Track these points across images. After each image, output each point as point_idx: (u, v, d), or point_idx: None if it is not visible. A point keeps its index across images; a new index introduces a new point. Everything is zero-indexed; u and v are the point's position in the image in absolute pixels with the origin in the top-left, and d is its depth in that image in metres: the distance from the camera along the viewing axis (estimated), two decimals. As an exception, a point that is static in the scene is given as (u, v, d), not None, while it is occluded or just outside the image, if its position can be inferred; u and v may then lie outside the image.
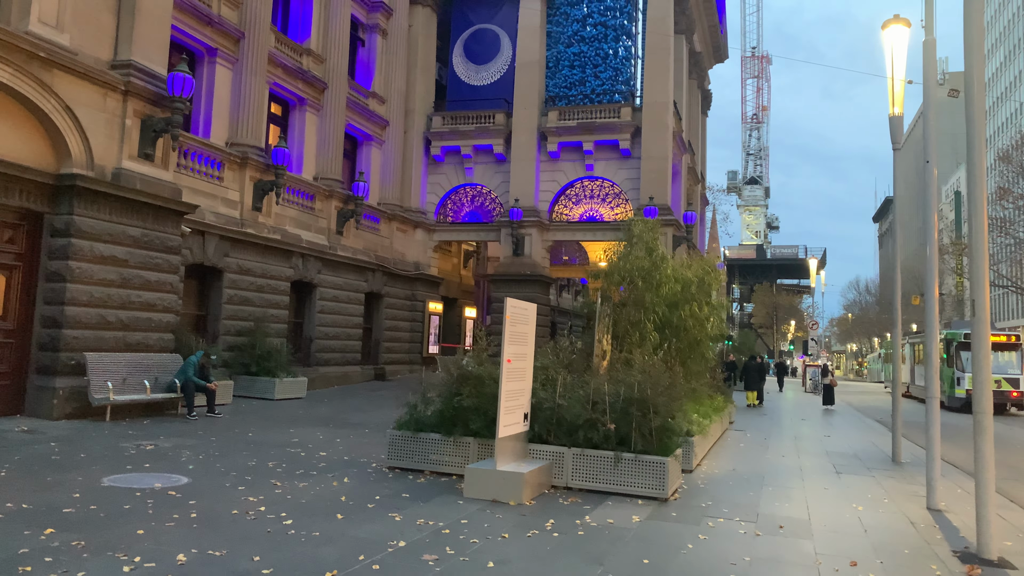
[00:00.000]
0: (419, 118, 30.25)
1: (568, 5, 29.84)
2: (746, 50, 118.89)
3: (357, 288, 25.55)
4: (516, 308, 9.75)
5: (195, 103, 20.62)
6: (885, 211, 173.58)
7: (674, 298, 16.80)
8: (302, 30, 24.90)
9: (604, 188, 29.21)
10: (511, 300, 9.53)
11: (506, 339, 9.33)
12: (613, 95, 28.93)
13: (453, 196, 31.15)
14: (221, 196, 19.95)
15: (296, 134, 24.52)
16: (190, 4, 19.32)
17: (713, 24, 39.91)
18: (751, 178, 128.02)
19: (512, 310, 9.56)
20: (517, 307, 9.77)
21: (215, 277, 19.61)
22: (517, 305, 9.77)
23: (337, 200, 24.74)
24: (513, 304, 9.57)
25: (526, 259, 28.76)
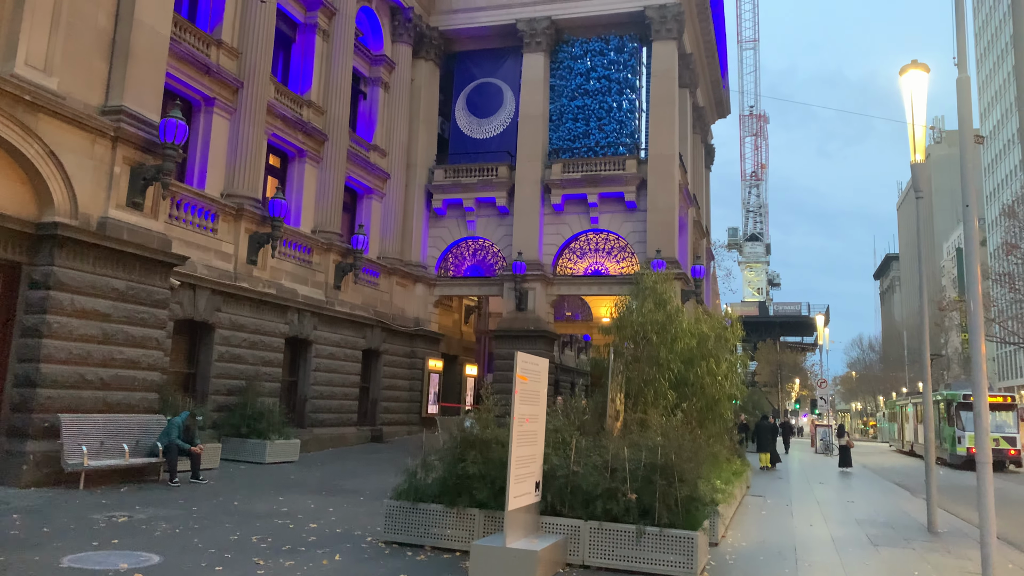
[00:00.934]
0: (421, 171, 29.79)
1: (571, 59, 29.67)
2: (744, 109, 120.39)
3: (354, 345, 24.63)
4: (528, 364, 8.87)
5: (190, 153, 20.07)
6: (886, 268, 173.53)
7: (690, 354, 15.90)
8: (303, 81, 24.56)
9: (609, 241, 28.55)
10: (522, 355, 8.66)
11: (517, 398, 8.42)
12: (618, 147, 28.52)
13: (455, 250, 30.48)
14: (214, 249, 19.22)
15: (295, 186, 23.95)
16: (187, 53, 18.91)
17: (715, 79, 39.93)
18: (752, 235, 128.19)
19: (524, 366, 8.68)
20: (528, 363, 8.89)
21: (206, 333, 18.73)
22: (528, 360, 8.89)
23: (335, 254, 24.03)
24: (524, 359, 8.69)
25: (530, 314, 27.90)
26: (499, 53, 30.92)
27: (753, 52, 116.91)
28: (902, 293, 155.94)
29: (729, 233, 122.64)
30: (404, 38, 29.21)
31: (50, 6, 13.23)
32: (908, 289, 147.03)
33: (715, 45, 36.44)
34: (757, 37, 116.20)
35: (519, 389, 8.52)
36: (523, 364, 8.67)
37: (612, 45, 29.25)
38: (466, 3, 30.42)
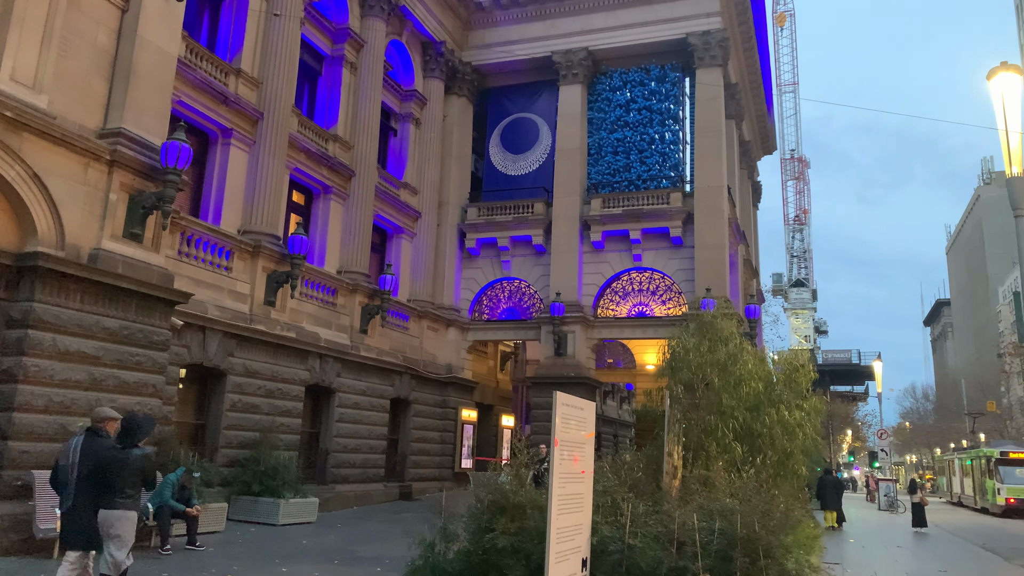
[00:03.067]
0: (453, 210, 28.38)
1: (610, 90, 28.26)
2: (785, 152, 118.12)
3: (382, 393, 22.90)
4: (570, 408, 7.04)
5: (205, 187, 18.87)
6: (937, 314, 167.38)
7: (756, 400, 13.82)
8: (329, 115, 23.45)
9: (654, 280, 26.64)
10: (563, 396, 6.83)
11: (558, 452, 6.58)
12: (661, 181, 26.81)
13: (489, 292, 28.82)
14: (228, 288, 17.80)
15: (319, 224, 22.64)
16: (203, 81, 17.83)
17: (761, 112, 38.22)
18: (797, 280, 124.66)
19: (565, 410, 6.85)
20: (571, 406, 7.05)
21: (216, 380, 17.18)
22: (570, 403, 7.06)
23: (362, 295, 22.52)
24: (566, 401, 6.86)
25: (569, 359, 25.96)
26: (534, 87, 29.69)
27: (793, 95, 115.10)
28: (955, 340, 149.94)
29: (773, 279, 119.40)
30: (436, 73, 28.15)
31: (41, 20, 12.10)
32: (962, 336, 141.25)
33: (760, 77, 34.85)
34: (796, 80, 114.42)
35: (559, 439, 6.69)
36: (564, 408, 6.84)
37: (653, 75, 27.80)
38: (500, 37, 29.34)
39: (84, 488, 7.51)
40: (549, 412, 25.92)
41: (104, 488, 7.47)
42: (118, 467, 7.50)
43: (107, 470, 7.49)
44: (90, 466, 7.54)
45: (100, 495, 7.48)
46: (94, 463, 7.53)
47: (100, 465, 7.51)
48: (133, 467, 7.59)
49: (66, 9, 12.53)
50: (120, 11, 13.69)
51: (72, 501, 7.54)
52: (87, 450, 7.65)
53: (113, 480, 7.47)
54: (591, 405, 7.76)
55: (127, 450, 7.65)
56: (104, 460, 7.52)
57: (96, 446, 7.64)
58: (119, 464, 7.52)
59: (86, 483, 7.51)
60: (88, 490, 7.50)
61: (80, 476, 7.53)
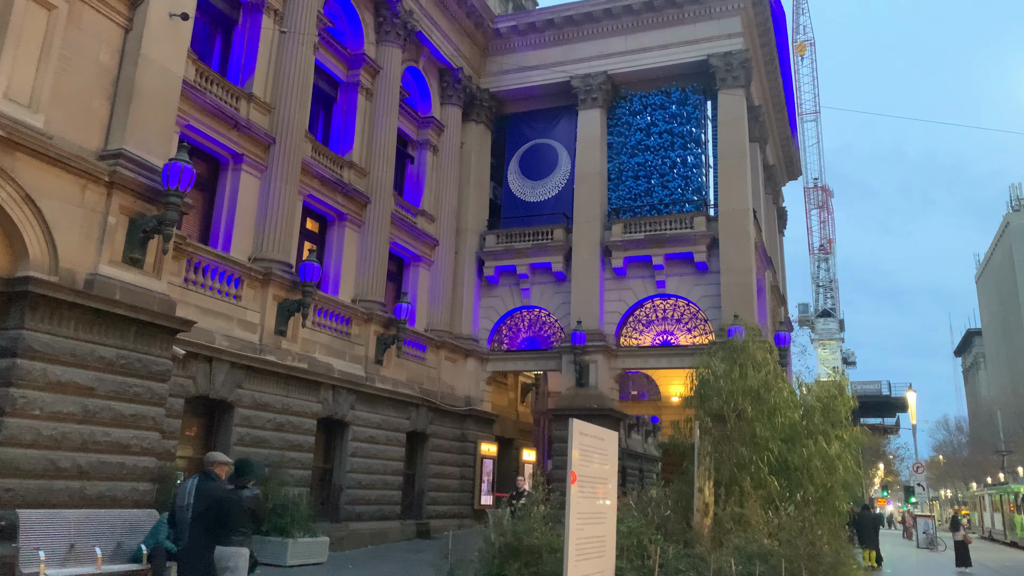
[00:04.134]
0: (471, 237, 27.77)
1: (630, 114, 27.67)
2: (808, 181, 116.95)
3: (398, 427, 22.10)
4: (589, 438, 6.24)
5: (216, 214, 18.39)
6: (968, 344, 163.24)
7: (792, 431, 12.89)
8: (344, 142, 23.04)
9: (679, 308, 25.73)
10: (581, 425, 6.03)
11: (575, 490, 5.76)
12: (683, 205, 26.04)
13: (508, 321, 28.05)
14: (238, 317, 17.20)
15: (334, 252, 22.10)
16: (213, 105, 17.44)
17: (785, 137, 37.43)
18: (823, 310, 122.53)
19: (583, 441, 6.05)
20: (590, 436, 6.25)
21: (224, 413, 16.50)
22: (590, 433, 6.25)
23: (377, 324, 21.85)
24: (584, 430, 6.06)
25: (591, 390, 25.02)
26: (552, 113, 29.20)
27: (815, 124, 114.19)
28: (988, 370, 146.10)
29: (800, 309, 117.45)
30: (453, 100, 27.77)
31: (39, 37, 11.71)
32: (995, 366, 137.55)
33: (783, 100, 34.14)
34: (818, 108, 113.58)
35: (577, 474, 5.87)
36: (582, 438, 6.03)
37: (673, 98, 27.19)
38: (517, 63, 28.96)
39: (198, 528, 8.13)
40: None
41: (219, 527, 8.13)
42: (231, 507, 8.17)
43: (221, 510, 8.14)
44: (204, 507, 8.16)
45: (215, 534, 8.10)
46: (207, 504, 8.16)
47: (214, 506, 8.14)
48: (245, 507, 8.32)
49: (65, 27, 12.15)
50: (123, 30, 13.30)
51: (188, 540, 8.19)
52: (201, 492, 8.32)
53: (227, 519, 8.14)
54: (613, 436, 6.96)
55: (238, 491, 8.42)
56: (217, 501, 8.18)
57: (209, 488, 8.32)
58: (232, 504, 8.19)
59: (200, 523, 8.14)
60: (202, 529, 8.09)
61: (195, 516, 8.17)
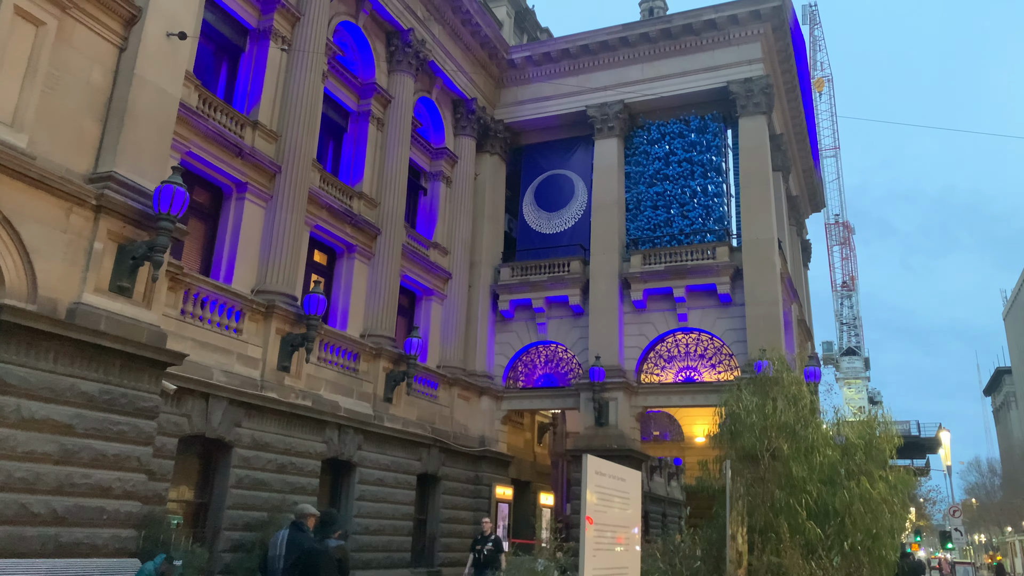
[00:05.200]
0: (486, 270, 26.94)
1: (648, 143, 26.93)
2: (829, 218, 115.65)
3: (408, 468, 21.03)
4: (606, 477, 5.27)
5: (218, 244, 17.71)
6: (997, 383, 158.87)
7: (832, 471, 11.74)
8: (354, 172, 22.44)
9: (702, 342, 24.61)
10: (596, 462, 5.06)
11: (589, 536, 4.78)
12: (705, 235, 25.09)
13: (524, 357, 27.03)
14: (238, 352, 16.37)
15: (342, 285, 21.34)
16: (216, 132, 16.86)
17: (808, 167, 36.53)
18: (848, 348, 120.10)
19: (600, 482, 5.08)
20: (607, 475, 5.29)
21: (221, 453, 15.58)
22: (607, 472, 5.29)
23: (386, 360, 20.95)
24: (600, 469, 5.10)
25: (611, 429, 23.84)
26: (568, 143, 28.54)
27: (835, 160, 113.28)
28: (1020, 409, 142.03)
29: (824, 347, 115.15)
30: (467, 131, 27.20)
31: (24, 54, 11.15)
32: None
33: (805, 129, 33.30)
34: (838, 145, 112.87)
35: (593, 519, 4.89)
36: (599, 478, 5.07)
37: (693, 126, 26.44)
38: (533, 93, 28.42)
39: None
40: (591, 488, 23.77)
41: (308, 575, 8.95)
42: (319, 558, 8.98)
43: (310, 561, 8.99)
44: (295, 558, 9.10)
45: None
46: (298, 555, 9.13)
47: (303, 557, 9.07)
48: (331, 556, 9.09)
49: (55, 44, 11.58)
50: (117, 49, 12.76)
51: None
52: (292, 543, 9.29)
53: (316, 568, 8.91)
54: (636, 476, 5.97)
55: (324, 541, 9.34)
56: (307, 553, 9.10)
57: (300, 540, 9.32)
58: (320, 555, 9.02)
59: (291, 572, 9.06)
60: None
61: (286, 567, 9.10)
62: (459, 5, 25.49)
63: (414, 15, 23.85)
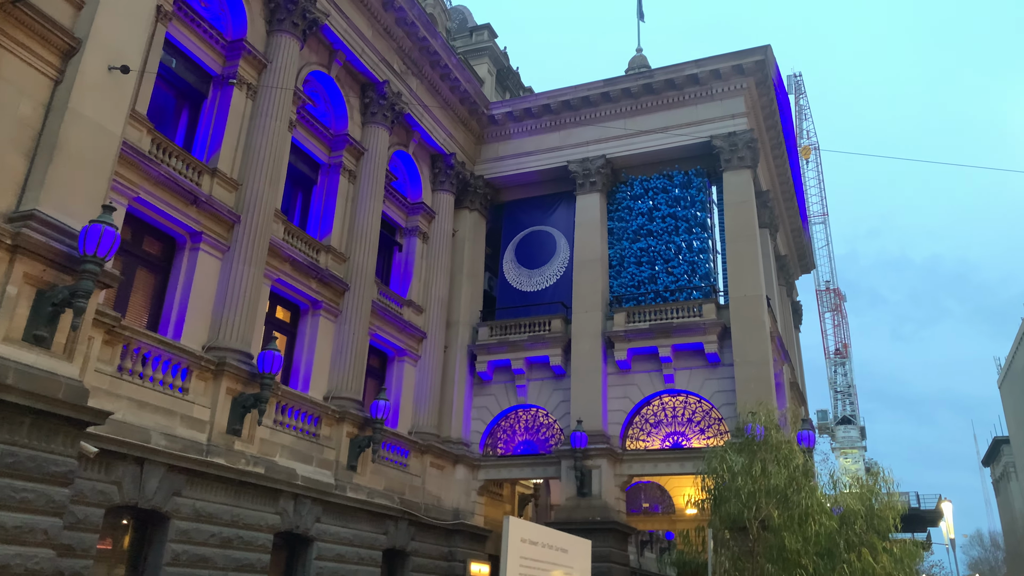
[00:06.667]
0: (463, 330, 25.78)
1: (631, 199, 26.22)
2: (820, 284, 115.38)
3: (372, 543, 19.40)
4: (538, 547, 4.13)
5: (167, 298, 16.55)
6: (996, 453, 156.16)
7: (828, 541, 10.42)
8: (323, 226, 21.50)
9: (689, 405, 23.33)
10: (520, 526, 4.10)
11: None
12: (691, 292, 24.11)
13: (503, 422, 25.62)
14: (182, 413, 15.04)
15: (306, 344, 20.13)
16: (169, 178, 15.92)
17: (796, 227, 35.88)
18: (843, 417, 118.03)
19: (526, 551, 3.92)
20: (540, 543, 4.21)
21: (157, 526, 14.08)
22: (540, 539, 4.25)
23: (351, 425, 19.57)
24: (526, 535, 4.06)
25: (595, 500, 22.30)
26: (550, 200, 27.82)
27: (824, 226, 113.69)
28: (1020, 480, 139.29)
29: (818, 416, 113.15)
30: (445, 186, 26.44)
31: (-62, 79, 10.25)
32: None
33: (792, 187, 32.78)
34: (826, 211, 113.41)
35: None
36: (526, 547, 3.88)
37: (677, 181, 25.78)
38: (514, 149, 27.84)
39: None
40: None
41: None
42: None
43: None
44: None
45: None
46: None
47: None
48: None
49: (-25, 73, 10.72)
50: (52, 82, 11.91)
51: None
52: None
53: None
54: (583, 546, 4.74)
55: None
56: None
57: None
58: None
59: None
60: None
61: None
62: (437, 60, 25.06)
63: (390, 67, 23.35)
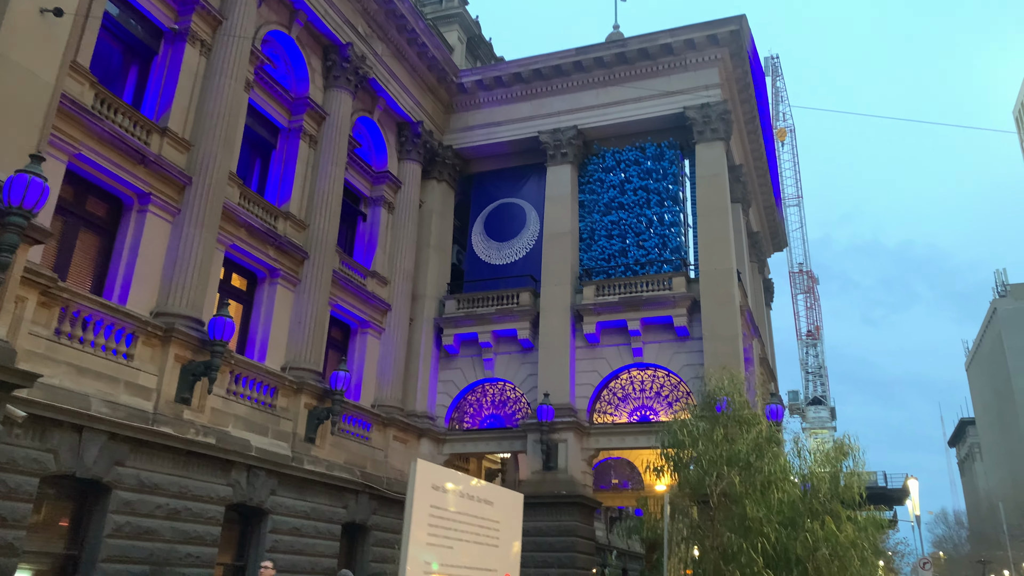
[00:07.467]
0: (430, 303, 25.21)
1: (602, 171, 25.72)
2: (793, 266, 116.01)
3: (331, 517, 18.90)
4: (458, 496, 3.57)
5: (113, 262, 15.81)
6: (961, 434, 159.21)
7: (792, 510, 10.08)
8: (282, 192, 20.76)
9: (658, 379, 23.02)
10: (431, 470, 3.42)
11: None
12: (661, 265, 23.73)
13: (469, 396, 25.15)
14: (126, 380, 14.37)
15: (263, 313, 19.47)
16: (115, 135, 15.12)
17: (769, 205, 35.63)
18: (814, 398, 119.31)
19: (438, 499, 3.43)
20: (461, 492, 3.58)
21: (97, 497, 13.46)
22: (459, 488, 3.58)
23: (309, 396, 18.98)
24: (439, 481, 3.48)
25: (561, 474, 21.97)
26: (521, 171, 27.22)
27: (798, 209, 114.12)
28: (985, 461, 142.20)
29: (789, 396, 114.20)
30: (412, 155, 25.74)
31: None
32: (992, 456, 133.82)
33: (766, 163, 32.47)
34: (801, 194, 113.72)
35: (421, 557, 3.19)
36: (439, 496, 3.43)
37: (649, 153, 25.31)
38: (484, 119, 27.16)
39: None
40: (536, 540, 21.48)
41: None
42: None
43: None
44: None
45: None
46: None
47: None
48: None
49: None
50: (-25, 24, 11.11)
51: None
52: None
53: None
54: (514, 500, 4.25)
55: None
56: None
57: None
58: None
59: None
60: None
61: None
62: (404, 24, 24.27)
63: (354, 30, 22.54)
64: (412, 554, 3.22)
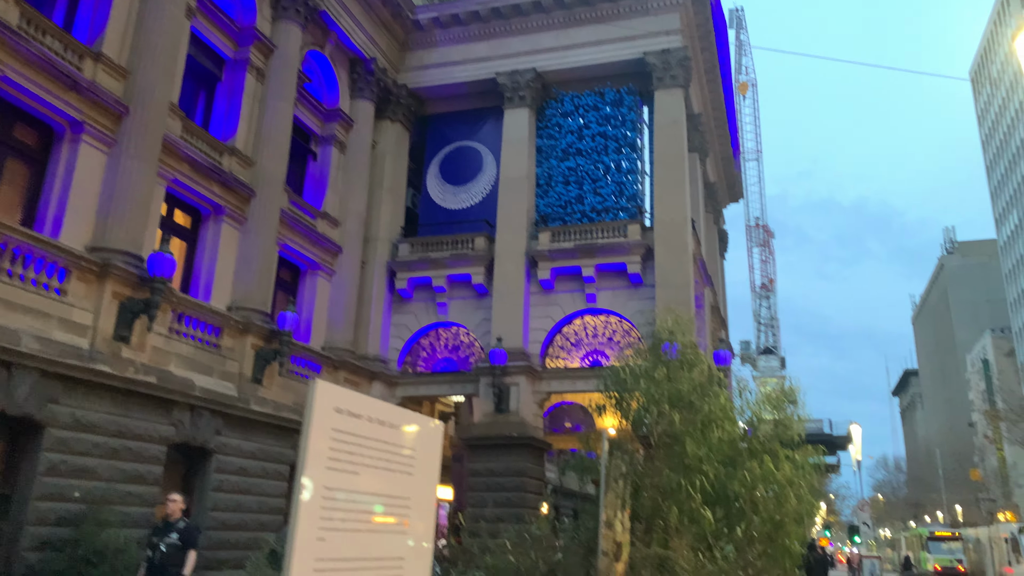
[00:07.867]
0: (383, 246, 24.81)
1: (561, 116, 25.32)
2: (750, 220, 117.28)
3: (279, 457, 18.75)
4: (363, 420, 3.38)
5: (44, 191, 15.11)
6: (905, 384, 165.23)
7: (732, 449, 10.20)
8: (227, 127, 20.01)
9: (610, 325, 23.12)
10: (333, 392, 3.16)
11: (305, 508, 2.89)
12: (617, 213, 23.62)
13: (423, 340, 25.02)
14: (59, 316, 13.88)
15: (207, 251, 18.91)
16: (43, 58, 14.29)
17: (727, 156, 35.67)
18: (766, 348, 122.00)
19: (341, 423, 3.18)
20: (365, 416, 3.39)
21: (29, 435, 13.07)
22: (364, 412, 3.38)
23: (256, 337, 18.63)
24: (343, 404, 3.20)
25: (512, 416, 22.10)
26: (478, 114, 26.66)
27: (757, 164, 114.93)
28: (925, 410, 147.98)
29: (741, 346, 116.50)
30: (365, 94, 24.99)
31: None
32: (932, 405, 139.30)
33: (724, 114, 32.37)
34: (760, 148, 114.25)
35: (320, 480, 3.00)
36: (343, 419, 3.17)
37: (608, 99, 24.95)
38: (440, 58, 26.44)
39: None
40: (487, 481, 21.72)
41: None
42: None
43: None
44: None
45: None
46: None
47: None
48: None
49: None
50: None
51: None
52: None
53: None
54: (434, 428, 4.09)
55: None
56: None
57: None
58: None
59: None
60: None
61: None
62: (358, -46, 23.32)
63: (304, -42, 21.57)
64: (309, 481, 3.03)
